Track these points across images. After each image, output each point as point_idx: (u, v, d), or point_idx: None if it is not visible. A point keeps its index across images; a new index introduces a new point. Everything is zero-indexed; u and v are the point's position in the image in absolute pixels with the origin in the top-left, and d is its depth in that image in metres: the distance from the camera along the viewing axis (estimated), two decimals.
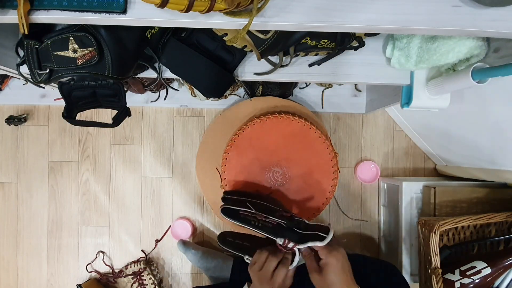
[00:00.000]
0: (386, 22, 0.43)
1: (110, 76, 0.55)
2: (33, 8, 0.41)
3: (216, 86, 0.71)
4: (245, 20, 0.41)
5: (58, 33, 0.51)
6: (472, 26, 0.43)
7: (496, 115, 0.73)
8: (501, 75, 0.52)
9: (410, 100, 0.72)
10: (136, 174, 1.09)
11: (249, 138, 0.90)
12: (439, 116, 0.89)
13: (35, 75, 0.55)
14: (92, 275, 1.07)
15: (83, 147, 1.09)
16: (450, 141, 0.95)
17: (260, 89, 0.99)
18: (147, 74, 0.68)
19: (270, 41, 0.58)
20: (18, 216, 1.08)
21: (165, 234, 1.08)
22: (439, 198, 0.88)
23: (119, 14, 0.42)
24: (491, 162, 0.86)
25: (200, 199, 1.09)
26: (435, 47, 0.61)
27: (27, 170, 1.08)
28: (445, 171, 1.06)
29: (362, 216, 1.11)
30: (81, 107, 0.63)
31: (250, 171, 0.90)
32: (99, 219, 1.09)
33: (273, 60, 0.69)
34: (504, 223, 0.84)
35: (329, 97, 1.09)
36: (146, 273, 1.03)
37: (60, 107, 1.07)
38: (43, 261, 1.08)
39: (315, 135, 0.90)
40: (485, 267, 0.73)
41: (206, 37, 0.65)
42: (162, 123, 1.09)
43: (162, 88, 1.01)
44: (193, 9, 0.37)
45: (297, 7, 0.42)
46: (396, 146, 1.12)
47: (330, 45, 0.64)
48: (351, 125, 1.11)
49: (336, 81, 0.73)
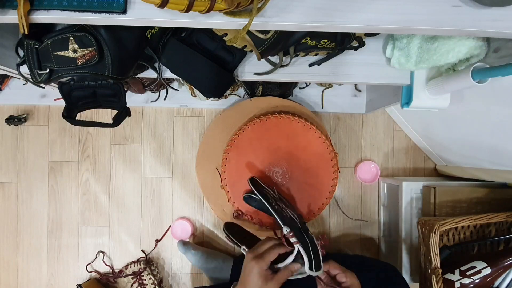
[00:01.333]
0: (386, 22, 0.43)
1: (110, 76, 0.55)
2: (33, 8, 0.41)
3: (216, 86, 0.71)
4: (245, 20, 0.41)
5: (58, 33, 0.51)
6: (472, 26, 0.43)
7: (496, 115, 0.73)
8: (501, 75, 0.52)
9: (410, 100, 0.72)
10: (136, 174, 1.09)
11: (249, 138, 0.90)
12: (439, 116, 0.89)
13: (35, 75, 0.55)
14: (92, 275, 1.07)
15: (83, 147, 1.09)
16: (450, 141, 0.95)
17: (260, 89, 0.99)
18: (147, 74, 0.68)
19: (270, 41, 0.58)
20: (18, 216, 1.08)
21: (165, 234, 1.08)
22: (439, 198, 0.88)
23: (119, 14, 0.42)
24: (491, 162, 0.86)
25: (200, 199, 1.09)
26: (435, 47, 0.61)
27: (27, 170, 1.08)
28: (445, 171, 1.06)
29: (362, 216, 1.11)
30: (81, 107, 0.63)
31: (250, 171, 0.90)
32: (99, 219, 1.09)
33: (273, 60, 0.69)
34: (504, 223, 0.84)
35: (329, 97, 1.09)
36: (146, 273, 1.03)
37: (60, 107, 1.07)
38: (43, 261, 1.08)
39: (315, 135, 0.91)
40: (485, 267, 0.73)
41: (206, 37, 0.65)
42: (162, 123, 1.09)
43: (162, 88, 1.01)
44: (193, 9, 0.37)
45: (297, 7, 0.42)
46: (396, 146, 1.12)
47: (330, 45, 0.64)
48: (351, 125, 1.11)
49: (336, 81, 0.73)
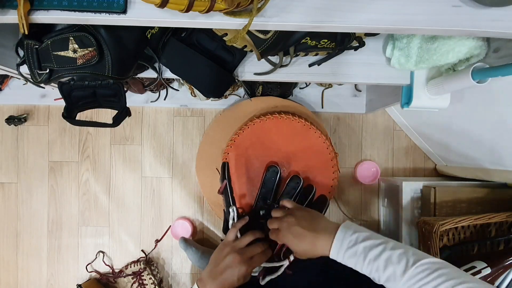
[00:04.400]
0: (386, 22, 0.43)
1: (110, 76, 0.55)
2: (33, 8, 0.41)
3: (216, 86, 0.71)
4: (245, 20, 0.41)
5: (58, 33, 0.51)
6: (472, 26, 0.43)
7: (496, 115, 0.73)
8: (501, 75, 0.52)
9: (410, 100, 0.72)
10: (136, 174, 1.09)
11: (249, 138, 0.90)
12: (439, 116, 0.89)
13: (35, 75, 0.55)
14: (92, 275, 1.07)
15: (83, 147, 1.09)
16: (450, 141, 0.95)
17: (260, 89, 0.99)
18: (147, 74, 0.68)
19: (270, 41, 0.58)
20: (18, 216, 1.08)
21: (165, 234, 1.08)
22: (439, 198, 0.88)
23: (119, 14, 0.42)
24: (491, 162, 0.86)
25: (200, 199, 1.09)
26: (435, 47, 0.61)
27: (27, 170, 1.08)
28: (445, 171, 1.06)
29: (362, 216, 1.11)
30: (81, 107, 0.63)
31: (250, 171, 0.90)
32: (99, 219, 1.09)
33: (273, 60, 0.69)
34: (504, 223, 0.84)
35: (329, 97, 1.09)
36: (146, 273, 1.03)
37: (60, 107, 1.07)
38: (43, 261, 1.08)
39: (315, 135, 0.90)
40: (485, 267, 0.73)
41: (206, 37, 0.65)
42: (162, 123, 1.09)
43: (162, 88, 1.01)
44: (193, 9, 0.37)
45: (297, 7, 0.42)
46: (396, 146, 1.12)
47: (330, 45, 0.64)
48: (351, 125, 1.11)
49: (336, 81, 0.73)
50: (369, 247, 0.50)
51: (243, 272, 0.63)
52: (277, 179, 0.85)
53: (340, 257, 0.52)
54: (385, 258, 0.48)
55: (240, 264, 0.63)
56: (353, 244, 0.51)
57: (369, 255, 0.49)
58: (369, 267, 0.50)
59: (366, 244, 0.51)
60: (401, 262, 0.47)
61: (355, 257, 0.51)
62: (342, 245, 0.52)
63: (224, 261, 0.64)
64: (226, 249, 0.66)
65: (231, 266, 0.63)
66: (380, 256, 0.49)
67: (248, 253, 0.65)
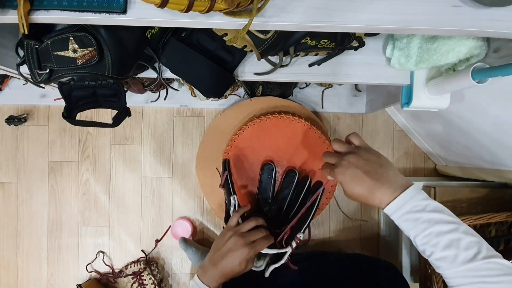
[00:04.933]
0: (386, 22, 0.43)
1: (110, 76, 0.55)
2: (33, 8, 0.41)
3: (216, 86, 0.71)
4: (245, 20, 0.41)
5: (58, 33, 0.51)
6: (472, 26, 0.43)
7: (496, 115, 0.73)
8: (501, 75, 0.51)
9: (410, 100, 0.72)
10: (136, 174, 1.09)
11: (249, 138, 0.90)
12: (439, 116, 0.89)
13: (35, 75, 0.55)
14: (92, 275, 1.07)
15: (83, 147, 1.09)
16: (450, 141, 0.95)
17: (260, 89, 0.99)
18: (147, 74, 0.68)
19: (270, 41, 0.58)
20: (18, 216, 1.08)
21: (165, 234, 1.08)
22: (439, 198, 0.88)
23: (119, 14, 0.42)
24: (491, 162, 0.86)
25: (200, 199, 1.09)
26: (435, 47, 0.61)
27: (27, 170, 1.08)
28: (445, 171, 1.06)
29: (362, 216, 1.11)
30: (81, 107, 0.63)
31: (250, 171, 0.90)
32: (99, 219, 1.09)
33: (273, 60, 0.69)
34: (504, 223, 0.84)
35: (329, 97, 1.09)
36: (146, 273, 1.03)
37: (60, 107, 1.07)
38: (43, 261, 1.08)
39: (315, 135, 0.90)
40: None
41: (206, 37, 0.65)
42: (162, 123, 1.09)
43: (162, 88, 1.01)
44: (193, 9, 0.37)
45: (297, 7, 0.42)
46: (396, 146, 1.12)
47: (330, 45, 0.64)
48: (351, 125, 1.11)
49: (336, 81, 0.73)
50: (436, 221, 0.45)
51: (245, 255, 0.62)
52: (273, 176, 0.85)
53: (396, 216, 0.48)
54: (451, 239, 0.44)
55: (242, 246, 0.62)
56: (418, 210, 0.46)
57: (433, 228, 0.45)
58: (425, 239, 0.45)
59: (434, 216, 0.46)
60: (469, 250, 0.44)
61: (414, 223, 0.46)
62: (405, 206, 0.47)
63: (226, 244, 0.64)
64: (228, 233, 0.66)
65: (234, 249, 0.63)
66: (446, 234, 0.45)
67: (250, 236, 0.65)
